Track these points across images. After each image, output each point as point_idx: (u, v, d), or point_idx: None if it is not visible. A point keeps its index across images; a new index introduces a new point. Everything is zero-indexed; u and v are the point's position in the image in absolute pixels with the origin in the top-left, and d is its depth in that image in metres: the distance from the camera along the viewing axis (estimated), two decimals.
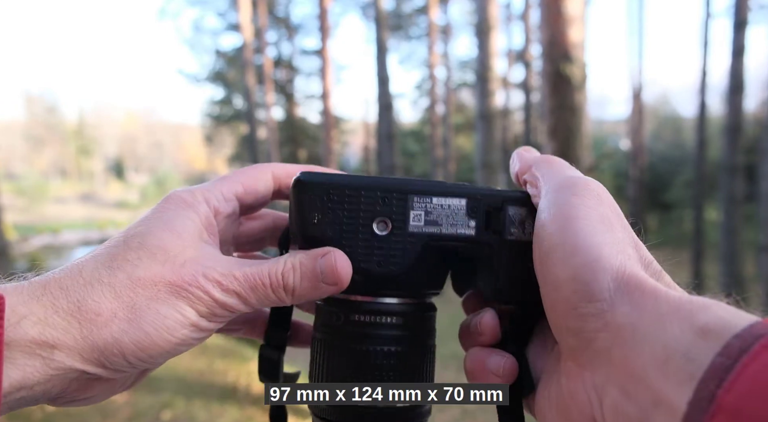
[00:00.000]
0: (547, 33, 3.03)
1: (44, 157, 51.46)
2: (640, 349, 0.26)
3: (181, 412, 3.82)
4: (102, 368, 0.32)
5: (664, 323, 0.26)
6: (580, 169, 0.38)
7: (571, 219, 0.32)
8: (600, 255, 0.30)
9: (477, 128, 7.31)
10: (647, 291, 0.28)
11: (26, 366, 0.30)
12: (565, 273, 0.30)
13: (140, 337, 0.33)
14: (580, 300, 0.29)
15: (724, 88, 9.13)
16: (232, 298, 0.35)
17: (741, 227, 8.69)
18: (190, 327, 0.34)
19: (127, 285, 0.33)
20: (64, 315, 0.31)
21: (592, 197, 0.33)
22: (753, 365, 0.22)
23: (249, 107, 14.00)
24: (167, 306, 0.33)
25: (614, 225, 0.32)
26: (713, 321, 0.25)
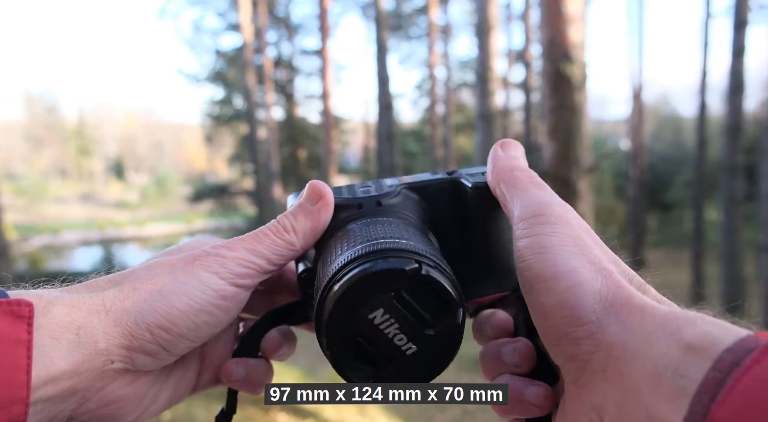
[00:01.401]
0: (547, 33, 3.03)
1: (44, 157, 51.45)
2: (632, 367, 0.27)
3: (181, 412, 3.82)
4: (127, 349, 0.33)
5: (652, 340, 0.27)
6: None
7: (546, 249, 0.32)
8: (581, 279, 0.30)
9: (477, 128, 7.31)
10: (634, 307, 0.29)
11: (53, 351, 0.30)
12: (551, 301, 0.31)
13: (161, 304, 0.34)
14: (569, 326, 0.30)
15: (724, 88, 9.13)
16: (243, 253, 0.37)
17: (741, 227, 8.69)
18: (210, 291, 0.35)
19: (145, 275, 0.36)
20: (89, 300, 0.33)
21: (562, 222, 0.34)
22: (745, 379, 0.22)
23: (249, 107, 14.00)
24: (185, 274, 0.35)
25: (589, 246, 0.33)
26: (700, 337, 0.25)
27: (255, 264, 0.38)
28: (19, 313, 0.30)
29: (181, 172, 51.16)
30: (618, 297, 0.30)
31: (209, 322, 0.36)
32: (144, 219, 34.06)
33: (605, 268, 0.31)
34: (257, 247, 0.38)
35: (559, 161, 2.95)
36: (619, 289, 0.30)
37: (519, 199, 0.37)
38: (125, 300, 0.34)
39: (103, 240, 24.30)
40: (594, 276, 0.31)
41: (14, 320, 0.29)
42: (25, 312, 0.30)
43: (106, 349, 0.32)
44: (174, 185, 42.97)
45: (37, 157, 51.01)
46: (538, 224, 0.34)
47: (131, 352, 0.34)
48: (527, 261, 0.33)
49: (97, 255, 17.50)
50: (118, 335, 0.33)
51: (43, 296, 0.32)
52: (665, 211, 18.71)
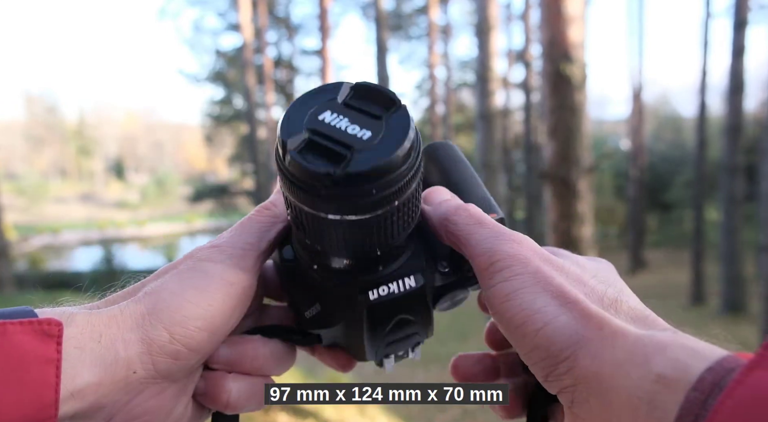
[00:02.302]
0: (547, 33, 3.03)
1: (44, 157, 51.46)
2: (609, 399, 0.28)
3: None
4: (147, 353, 0.33)
5: (623, 371, 0.28)
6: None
7: (509, 296, 0.33)
8: (547, 319, 0.31)
9: (477, 128, 7.31)
10: (606, 336, 0.29)
11: (77, 361, 0.31)
12: (526, 347, 0.32)
13: (172, 301, 0.34)
14: (549, 367, 0.31)
15: (724, 88, 9.13)
16: (235, 238, 0.39)
17: (741, 227, 8.70)
18: (216, 279, 0.36)
19: (153, 281, 0.37)
20: (106, 310, 0.34)
21: (517, 261, 0.34)
22: (728, 402, 0.23)
23: (249, 107, 14.01)
24: (189, 271, 0.36)
25: (549, 277, 0.33)
26: (670, 366, 0.26)
27: (249, 244, 0.39)
28: (49, 332, 0.30)
29: (181, 172, 51.17)
30: (587, 328, 0.30)
31: (224, 311, 0.36)
32: (144, 219, 34.07)
33: (569, 299, 0.32)
34: (245, 229, 0.40)
35: (559, 161, 2.95)
36: (587, 319, 0.31)
37: (468, 248, 0.37)
38: (138, 305, 0.34)
39: (103, 240, 24.28)
40: (559, 312, 0.31)
41: (44, 339, 0.30)
42: (54, 331, 0.30)
43: (127, 357, 0.33)
44: (174, 185, 42.99)
45: (37, 157, 51.01)
46: (495, 272, 0.34)
47: (152, 357, 0.33)
48: (497, 312, 0.34)
49: (97, 255, 17.47)
50: (137, 340, 0.33)
51: (66, 310, 0.33)
52: (665, 211, 18.72)
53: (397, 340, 0.42)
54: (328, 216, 0.32)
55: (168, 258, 20.58)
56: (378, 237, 0.34)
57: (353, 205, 0.32)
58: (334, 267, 0.38)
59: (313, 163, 0.31)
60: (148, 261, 20.46)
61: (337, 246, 0.35)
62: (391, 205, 0.32)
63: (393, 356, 0.45)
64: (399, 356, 0.46)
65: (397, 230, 0.35)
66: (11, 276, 11.67)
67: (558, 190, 2.97)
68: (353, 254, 0.36)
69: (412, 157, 0.33)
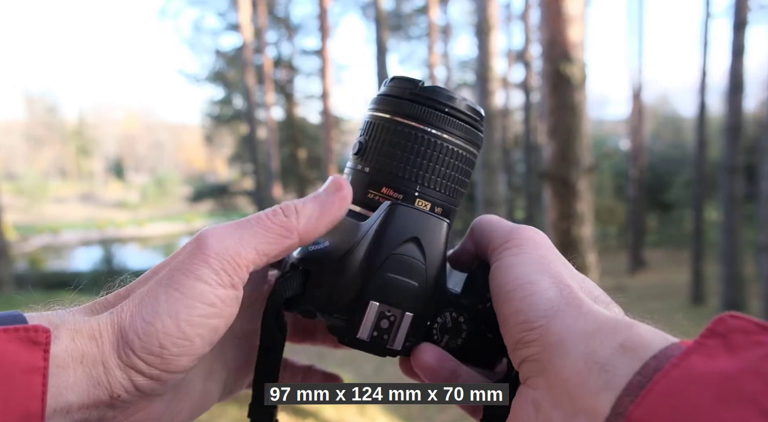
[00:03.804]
0: (547, 33, 3.03)
1: (44, 157, 51.45)
2: (564, 362, 0.29)
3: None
4: (127, 378, 0.32)
5: (588, 339, 0.29)
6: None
7: (511, 266, 0.36)
8: (537, 289, 0.33)
9: None
10: (581, 312, 0.31)
11: (60, 380, 0.30)
12: (510, 309, 0.34)
13: (145, 330, 0.32)
14: (523, 330, 0.32)
15: (724, 88, 9.13)
16: (228, 244, 0.33)
17: (741, 227, 8.69)
18: (195, 303, 0.32)
19: (134, 294, 0.34)
20: (87, 325, 0.32)
21: (530, 243, 0.37)
22: (663, 381, 0.25)
23: (249, 107, 14.00)
24: (166, 290, 0.32)
25: (554, 263, 0.36)
26: (632, 339, 0.28)
27: (242, 259, 0.33)
28: (36, 340, 0.29)
29: (181, 172, 51.16)
30: (568, 304, 0.32)
31: (203, 334, 0.33)
32: (144, 219, 34.06)
33: (564, 282, 0.34)
34: (245, 234, 0.34)
35: (559, 161, 2.95)
36: (572, 298, 0.32)
37: (492, 234, 0.39)
38: (114, 325, 0.32)
39: (103, 240, 24.28)
40: (549, 286, 0.33)
41: (31, 346, 0.29)
42: (42, 338, 0.29)
43: (108, 381, 0.31)
44: (174, 185, 42.97)
45: (37, 157, 51.00)
46: (507, 248, 0.37)
47: (132, 381, 0.32)
48: (496, 277, 0.36)
49: (97, 255, 17.47)
50: (115, 366, 0.31)
51: (52, 321, 0.31)
52: (665, 211, 18.70)
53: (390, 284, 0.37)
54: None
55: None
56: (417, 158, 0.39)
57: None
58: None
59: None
60: (148, 262, 20.47)
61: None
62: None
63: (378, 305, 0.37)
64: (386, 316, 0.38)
65: (435, 168, 0.39)
66: (11, 276, 11.67)
67: (558, 190, 2.97)
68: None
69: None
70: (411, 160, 0.38)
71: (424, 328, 0.38)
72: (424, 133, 0.39)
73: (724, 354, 0.25)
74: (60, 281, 13.00)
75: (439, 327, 0.39)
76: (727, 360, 0.24)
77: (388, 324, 0.37)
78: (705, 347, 0.26)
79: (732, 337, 0.25)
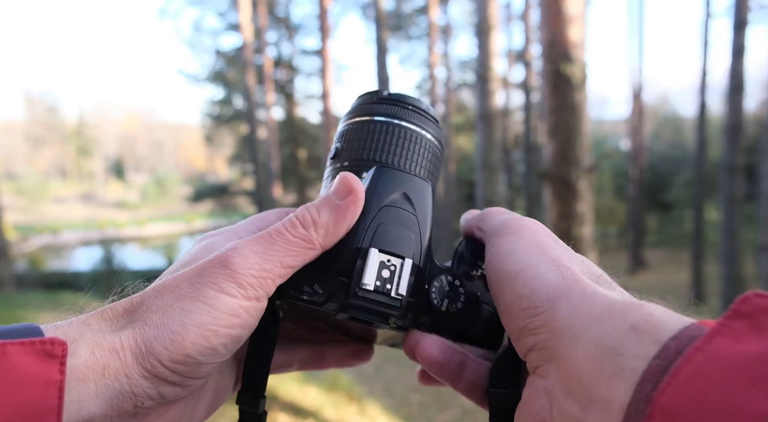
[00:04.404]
0: (547, 33, 3.03)
1: (44, 157, 51.44)
2: (575, 348, 0.28)
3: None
4: (152, 386, 0.32)
5: (597, 322, 0.28)
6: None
7: (509, 252, 0.35)
8: (537, 273, 0.32)
9: (477, 128, 7.30)
10: (586, 294, 0.30)
11: (81, 393, 0.30)
12: (511, 296, 0.33)
13: (171, 339, 0.32)
14: (526, 317, 0.31)
15: (724, 88, 9.12)
16: (253, 259, 0.34)
17: (741, 227, 8.68)
18: (221, 315, 0.33)
19: (153, 306, 0.33)
20: (108, 338, 0.32)
21: (527, 229, 0.37)
22: (687, 366, 0.23)
23: (249, 107, 14.00)
24: (191, 300, 0.33)
25: (551, 247, 0.35)
26: (643, 319, 0.26)
27: (267, 272, 0.34)
28: (53, 352, 0.29)
29: (181, 171, 51.17)
30: (571, 287, 0.31)
31: (227, 344, 0.34)
32: (144, 219, 34.07)
33: (563, 265, 0.33)
34: (269, 250, 0.34)
35: (559, 161, 2.95)
36: (575, 281, 0.31)
37: (489, 222, 0.40)
38: (137, 339, 0.32)
39: (103, 240, 24.26)
40: (550, 269, 0.32)
41: (47, 360, 0.29)
42: (58, 351, 0.29)
43: (132, 392, 0.32)
44: (174, 185, 42.98)
45: (37, 157, 51.00)
46: (504, 235, 0.37)
47: (158, 389, 0.32)
48: (493, 265, 0.35)
49: (97, 255, 17.45)
50: (139, 376, 0.32)
51: (69, 334, 0.31)
52: (665, 211, 18.71)
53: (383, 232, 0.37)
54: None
55: (168, 258, 20.54)
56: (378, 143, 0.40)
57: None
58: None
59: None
60: (148, 262, 20.47)
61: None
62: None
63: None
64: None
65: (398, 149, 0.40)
66: (11, 276, 11.65)
67: (558, 190, 2.97)
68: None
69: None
70: (386, 147, 0.40)
71: (423, 288, 0.38)
72: (394, 126, 0.41)
73: (752, 336, 0.23)
74: (60, 281, 13.01)
75: (437, 290, 0.39)
76: (755, 343, 0.23)
77: (389, 274, 0.36)
78: (730, 328, 0.24)
79: (759, 318, 0.24)
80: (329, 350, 0.46)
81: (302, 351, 0.45)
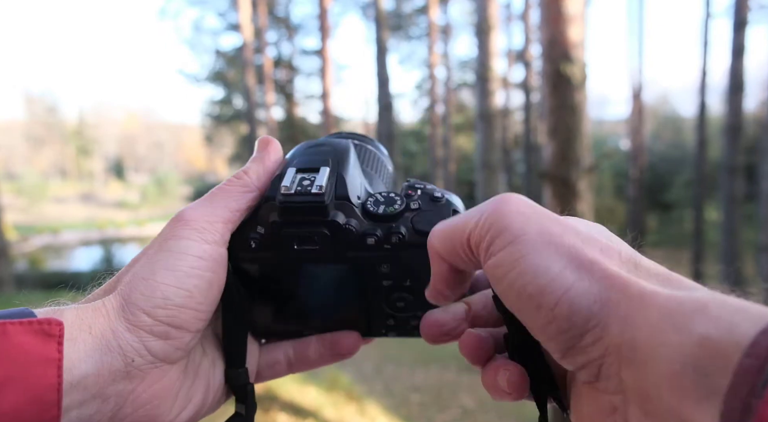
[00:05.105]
0: (547, 33, 3.03)
1: (44, 157, 51.45)
2: (645, 368, 0.24)
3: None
4: (138, 340, 0.34)
5: (660, 335, 0.24)
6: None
7: (517, 261, 0.28)
8: (566, 286, 0.27)
9: (477, 128, 7.31)
10: (632, 299, 0.26)
11: (72, 352, 0.31)
12: (544, 319, 0.28)
13: (146, 286, 0.35)
14: (573, 339, 0.27)
15: (724, 88, 9.13)
16: (203, 211, 0.38)
17: (741, 227, 8.69)
18: (185, 256, 0.36)
19: (126, 271, 0.37)
20: (91, 305, 0.34)
21: (515, 221, 0.29)
22: None
23: (249, 107, 14.00)
24: (158, 252, 0.36)
25: (558, 235, 0.29)
26: (713, 326, 0.22)
27: (217, 217, 0.38)
28: (50, 332, 0.30)
29: (181, 172, 51.15)
30: (612, 290, 0.26)
31: (200, 285, 0.36)
32: (144, 219, 34.05)
33: (586, 259, 0.27)
34: (215, 200, 0.39)
35: (559, 161, 2.95)
36: (610, 280, 0.27)
37: (459, 234, 0.32)
38: (117, 297, 0.35)
39: (103, 240, 24.29)
40: (577, 275, 0.27)
41: (45, 339, 0.30)
42: (55, 331, 0.30)
43: (119, 345, 0.33)
44: (174, 185, 42.96)
45: (37, 157, 51.00)
46: (494, 238, 0.29)
47: (143, 342, 0.34)
48: (502, 283, 0.29)
49: (97, 255, 17.47)
50: (124, 330, 0.33)
51: (57, 308, 0.33)
52: (665, 211, 18.72)
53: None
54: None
55: None
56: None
57: None
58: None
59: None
60: None
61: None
62: None
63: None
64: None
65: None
66: (11, 276, 11.66)
67: (558, 190, 2.97)
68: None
69: None
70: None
71: (345, 191, 0.39)
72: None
73: None
74: (60, 281, 12.90)
75: (373, 201, 0.40)
76: None
77: (309, 182, 0.39)
78: None
79: None
80: (312, 342, 0.45)
81: (287, 349, 0.46)
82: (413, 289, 0.40)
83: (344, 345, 0.44)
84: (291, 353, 0.45)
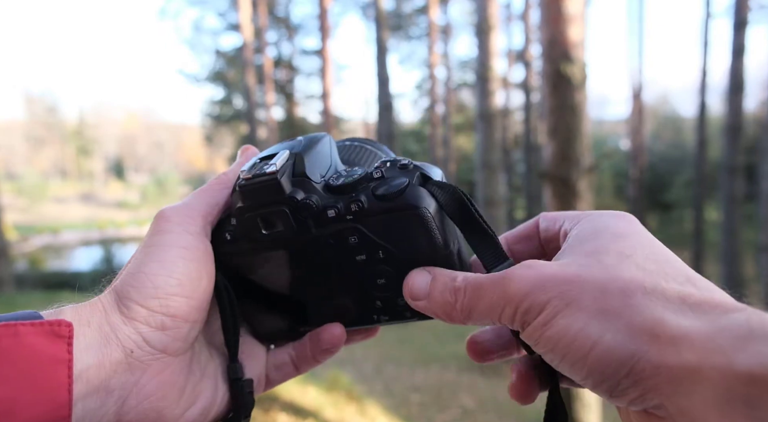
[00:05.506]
0: (547, 33, 3.03)
1: (44, 157, 51.45)
2: (691, 401, 0.25)
3: None
4: (135, 331, 0.35)
5: (701, 375, 0.25)
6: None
7: (543, 331, 0.30)
8: (592, 342, 0.28)
9: (477, 128, 7.31)
10: (664, 341, 0.26)
11: (75, 344, 0.32)
12: (581, 374, 0.29)
13: (136, 279, 0.36)
14: (611, 387, 0.28)
15: (724, 88, 9.13)
16: (184, 207, 0.40)
17: (741, 227, 8.69)
18: (171, 248, 0.37)
19: (120, 272, 0.38)
20: (87, 302, 0.35)
21: (534, 290, 0.31)
22: None
23: (249, 107, 14.00)
24: (146, 248, 0.38)
25: (578, 292, 0.30)
26: (756, 362, 0.24)
27: (195, 210, 0.40)
28: (60, 333, 0.31)
29: (181, 172, 51.15)
30: (639, 339, 0.27)
31: (188, 274, 0.37)
32: (144, 219, 34.03)
33: (610, 311, 0.28)
34: (195, 197, 0.41)
35: (559, 161, 2.95)
36: (635, 330, 0.27)
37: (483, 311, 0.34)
38: (111, 293, 0.36)
39: (103, 240, 24.28)
40: (602, 329, 0.28)
41: (55, 340, 0.31)
42: (65, 331, 0.31)
43: (117, 338, 0.34)
44: (174, 185, 42.98)
45: (37, 157, 51.01)
46: (522, 313, 0.31)
47: (141, 334, 0.35)
48: (540, 348, 0.31)
49: (97, 255, 17.47)
50: (121, 323, 0.34)
51: (58, 308, 0.35)
52: (665, 211, 18.72)
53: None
54: None
55: None
56: None
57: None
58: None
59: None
60: None
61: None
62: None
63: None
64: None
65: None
66: (11, 276, 11.65)
67: (558, 190, 2.97)
68: None
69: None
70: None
71: (303, 168, 0.39)
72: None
73: None
74: (60, 281, 12.99)
75: (336, 176, 0.40)
76: None
77: (266, 164, 0.40)
78: None
79: None
80: (306, 340, 0.46)
81: (290, 350, 0.46)
82: (389, 261, 0.38)
83: (324, 339, 0.43)
84: (293, 353, 0.46)
